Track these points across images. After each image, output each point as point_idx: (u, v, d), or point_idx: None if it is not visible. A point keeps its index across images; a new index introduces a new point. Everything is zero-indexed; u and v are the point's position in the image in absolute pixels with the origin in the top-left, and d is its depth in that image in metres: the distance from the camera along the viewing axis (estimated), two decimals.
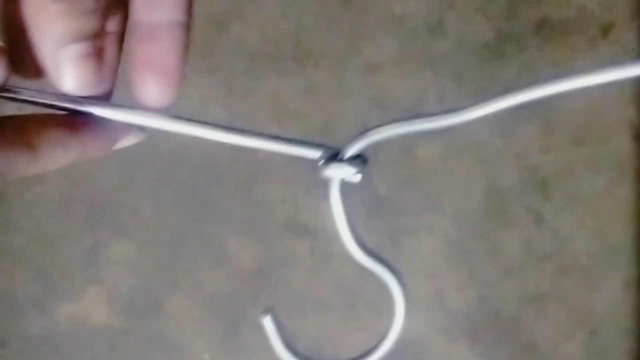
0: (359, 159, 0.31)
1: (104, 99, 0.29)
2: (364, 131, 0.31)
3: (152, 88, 0.29)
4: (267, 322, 0.33)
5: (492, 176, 0.93)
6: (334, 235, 0.31)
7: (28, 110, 0.29)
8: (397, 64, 0.95)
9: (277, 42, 0.96)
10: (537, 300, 0.92)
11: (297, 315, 0.92)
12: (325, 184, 0.31)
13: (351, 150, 0.31)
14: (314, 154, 0.31)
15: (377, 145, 0.29)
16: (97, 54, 0.26)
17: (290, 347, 0.30)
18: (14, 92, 0.28)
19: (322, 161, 0.30)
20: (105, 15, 0.26)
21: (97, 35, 0.26)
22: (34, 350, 0.95)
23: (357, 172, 0.31)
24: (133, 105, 0.29)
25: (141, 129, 0.31)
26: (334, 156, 0.31)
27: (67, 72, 0.26)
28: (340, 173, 0.30)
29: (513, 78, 0.94)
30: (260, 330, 0.32)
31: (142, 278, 0.94)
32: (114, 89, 0.29)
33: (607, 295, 0.92)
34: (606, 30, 0.94)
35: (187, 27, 0.31)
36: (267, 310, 0.31)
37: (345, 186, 0.31)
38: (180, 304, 0.94)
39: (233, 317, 0.93)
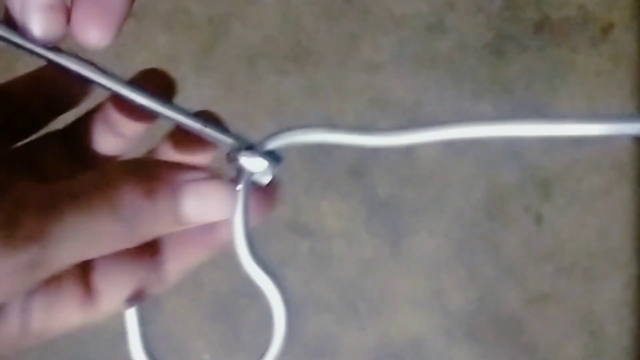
0: (273, 155, 0.29)
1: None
2: (286, 129, 0.28)
3: (93, 26, 0.28)
4: None
5: (492, 176, 0.93)
6: (334, 236, 0.31)
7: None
8: (397, 64, 0.95)
9: (277, 42, 0.96)
10: (537, 301, 0.92)
11: (296, 316, 0.92)
12: (322, 186, 0.30)
13: (267, 145, 0.29)
14: (227, 141, 0.28)
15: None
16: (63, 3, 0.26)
17: None
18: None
19: (232, 149, 0.28)
20: None
21: None
22: (33, 351, 0.95)
23: (268, 169, 0.28)
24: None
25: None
26: (247, 147, 0.28)
27: (34, 21, 0.26)
28: (249, 164, 0.28)
29: (513, 78, 0.94)
30: (260, 330, 0.32)
31: None
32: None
33: (607, 295, 0.92)
34: (606, 30, 0.94)
35: None
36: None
37: (250, 186, 0.28)
38: (180, 303, 0.94)
39: (233, 317, 0.93)
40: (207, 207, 0.25)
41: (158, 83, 0.29)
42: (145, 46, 0.97)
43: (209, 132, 0.28)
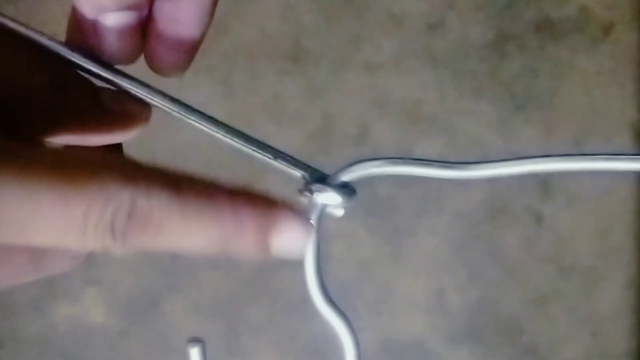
0: (347, 189, 0.27)
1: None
2: (358, 160, 0.27)
3: (168, 55, 0.27)
4: (194, 353, 0.28)
5: None
6: (334, 236, 0.31)
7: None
8: (397, 64, 0.95)
9: (277, 42, 0.96)
10: (537, 301, 0.92)
11: (296, 316, 0.92)
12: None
13: (341, 178, 0.27)
14: (299, 172, 0.27)
15: (377, 146, 0.27)
16: (137, 24, 0.26)
17: None
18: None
19: (306, 181, 0.27)
20: None
21: (138, 6, 0.25)
22: (33, 351, 0.95)
23: (342, 204, 0.27)
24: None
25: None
26: (320, 179, 0.27)
27: (107, 40, 0.25)
28: (324, 198, 0.26)
29: (513, 77, 0.94)
30: (260, 331, 0.31)
31: (140, 279, 0.94)
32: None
33: (607, 295, 0.92)
34: (607, 29, 0.93)
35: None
36: (195, 340, 0.27)
37: (324, 218, 0.26)
38: (179, 304, 0.94)
39: (232, 318, 0.93)
40: (293, 245, 0.24)
41: None
42: None
43: (281, 163, 0.27)
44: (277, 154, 0.27)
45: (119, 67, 0.27)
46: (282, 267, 0.93)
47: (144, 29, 0.27)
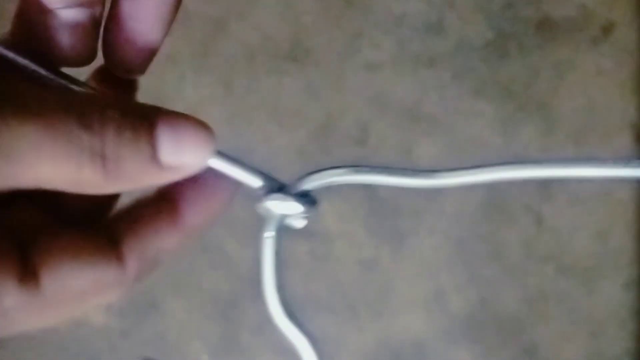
0: (307, 198, 0.26)
1: None
2: (317, 170, 0.26)
3: (127, 55, 0.26)
4: None
5: None
6: (334, 236, 0.31)
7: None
8: (397, 64, 0.95)
9: (276, 42, 0.96)
10: (537, 301, 0.92)
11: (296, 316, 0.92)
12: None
13: (300, 187, 0.26)
14: (256, 182, 0.26)
15: (377, 145, 0.27)
16: (90, 22, 0.25)
17: None
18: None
19: (262, 191, 0.26)
20: None
21: (90, 3, 0.25)
22: (33, 351, 0.95)
23: (303, 214, 0.26)
24: None
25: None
26: (278, 189, 0.26)
27: (58, 39, 0.25)
28: (282, 208, 0.25)
29: (513, 77, 0.94)
30: (260, 331, 0.31)
31: None
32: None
33: (607, 296, 0.92)
34: (607, 29, 0.93)
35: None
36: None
37: (283, 230, 0.25)
38: (179, 304, 0.94)
39: (232, 317, 0.93)
40: (184, 149, 0.23)
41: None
42: None
43: (236, 170, 0.26)
44: (234, 161, 0.26)
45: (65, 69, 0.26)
46: (282, 267, 0.93)
47: (98, 29, 0.26)
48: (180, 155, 0.23)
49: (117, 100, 0.23)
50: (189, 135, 0.23)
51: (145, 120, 0.23)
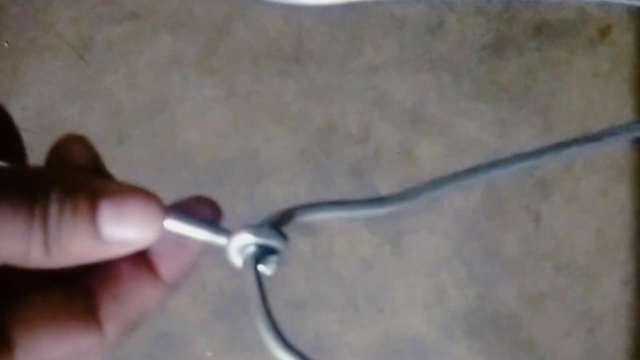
0: (276, 232, 0.26)
1: None
2: (288, 208, 0.25)
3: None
4: None
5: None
6: (335, 234, 0.32)
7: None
8: (398, 65, 0.96)
9: (279, 43, 0.97)
10: (535, 299, 0.93)
11: (297, 313, 0.93)
12: (323, 186, 0.28)
13: (266, 223, 0.26)
14: (221, 239, 0.25)
15: (378, 146, 0.28)
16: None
17: None
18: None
19: (229, 240, 0.25)
20: None
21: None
22: None
23: (274, 251, 0.25)
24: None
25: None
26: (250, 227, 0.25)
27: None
28: (254, 240, 0.25)
29: (512, 79, 0.94)
30: None
31: None
32: None
33: (605, 293, 0.92)
34: (604, 32, 0.94)
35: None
36: None
37: (256, 270, 0.25)
38: (184, 302, 0.94)
39: (236, 315, 0.94)
40: (128, 224, 0.23)
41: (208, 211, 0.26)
42: (148, 47, 0.98)
43: (197, 231, 0.25)
44: (194, 221, 0.24)
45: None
46: (283, 266, 0.94)
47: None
48: (123, 230, 0.22)
49: (61, 177, 0.22)
50: (132, 209, 0.23)
51: (88, 196, 0.22)
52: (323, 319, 0.93)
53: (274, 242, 0.26)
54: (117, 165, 0.29)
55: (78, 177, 0.23)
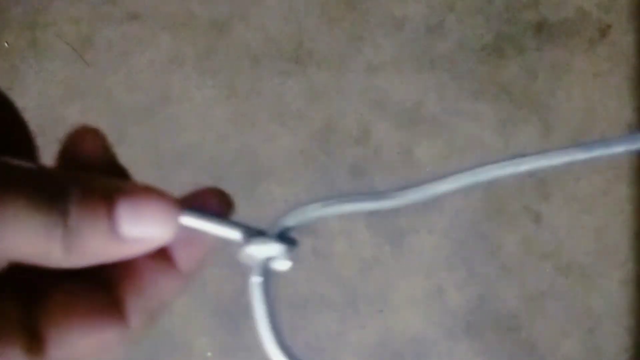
0: (287, 239, 0.26)
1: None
2: (295, 207, 0.26)
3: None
4: None
5: None
6: (336, 235, 0.32)
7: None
8: (398, 65, 0.96)
9: (279, 44, 0.97)
10: (535, 298, 0.93)
11: (298, 313, 0.93)
12: (323, 186, 0.28)
13: (279, 228, 0.26)
14: (235, 234, 0.25)
15: (378, 146, 0.28)
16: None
17: None
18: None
19: (243, 240, 0.26)
20: None
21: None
22: None
23: (286, 255, 0.26)
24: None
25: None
26: (258, 233, 0.26)
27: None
28: (263, 251, 0.25)
29: (512, 79, 0.95)
30: None
31: None
32: None
33: (604, 293, 0.92)
34: (604, 31, 0.94)
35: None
36: None
37: (269, 275, 0.26)
38: (184, 302, 0.94)
39: (236, 315, 0.94)
40: (145, 221, 0.23)
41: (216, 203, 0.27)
42: (149, 47, 0.98)
43: (213, 226, 0.25)
44: (209, 218, 0.25)
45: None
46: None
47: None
48: (141, 228, 0.23)
49: (78, 178, 0.23)
50: (149, 207, 0.23)
51: (106, 196, 0.23)
52: (323, 319, 0.93)
53: (284, 249, 0.26)
54: None
55: (95, 177, 0.24)
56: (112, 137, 0.28)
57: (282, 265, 0.26)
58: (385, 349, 0.93)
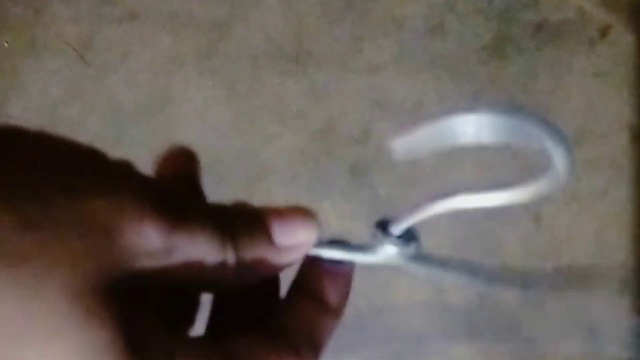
0: (408, 235, 0.30)
1: None
2: (415, 204, 0.28)
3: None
4: None
5: (492, 176, 0.94)
6: (336, 234, 0.32)
7: None
8: (398, 66, 0.96)
9: (279, 44, 0.97)
10: (535, 299, 0.93)
11: None
12: (323, 186, 0.31)
13: (400, 230, 0.30)
14: (369, 257, 0.30)
15: (378, 146, 0.29)
16: None
17: None
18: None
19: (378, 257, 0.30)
20: None
21: None
22: None
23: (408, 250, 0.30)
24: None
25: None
26: (383, 225, 0.30)
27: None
28: (390, 252, 0.30)
29: (512, 79, 0.95)
30: None
31: None
32: None
33: (604, 293, 0.92)
34: (604, 32, 0.94)
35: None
36: None
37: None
38: None
39: None
40: (294, 231, 0.28)
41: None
42: (149, 47, 0.98)
43: (343, 254, 0.30)
44: (338, 245, 0.31)
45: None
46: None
47: None
48: (292, 236, 0.28)
49: (238, 208, 0.28)
50: (295, 219, 0.29)
51: (260, 218, 0.28)
52: None
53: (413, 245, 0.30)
54: None
55: (247, 205, 0.29)
56: (111, 137, 0.29)
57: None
58: (386, 348, 0.93)
